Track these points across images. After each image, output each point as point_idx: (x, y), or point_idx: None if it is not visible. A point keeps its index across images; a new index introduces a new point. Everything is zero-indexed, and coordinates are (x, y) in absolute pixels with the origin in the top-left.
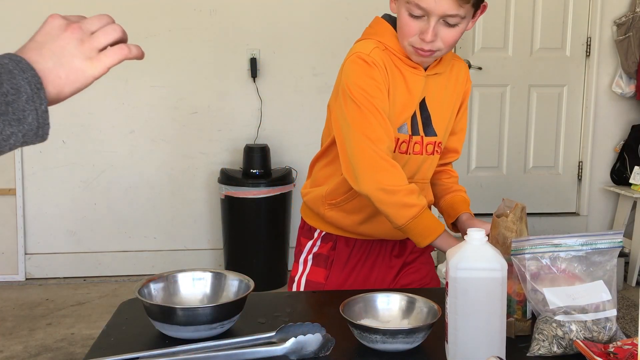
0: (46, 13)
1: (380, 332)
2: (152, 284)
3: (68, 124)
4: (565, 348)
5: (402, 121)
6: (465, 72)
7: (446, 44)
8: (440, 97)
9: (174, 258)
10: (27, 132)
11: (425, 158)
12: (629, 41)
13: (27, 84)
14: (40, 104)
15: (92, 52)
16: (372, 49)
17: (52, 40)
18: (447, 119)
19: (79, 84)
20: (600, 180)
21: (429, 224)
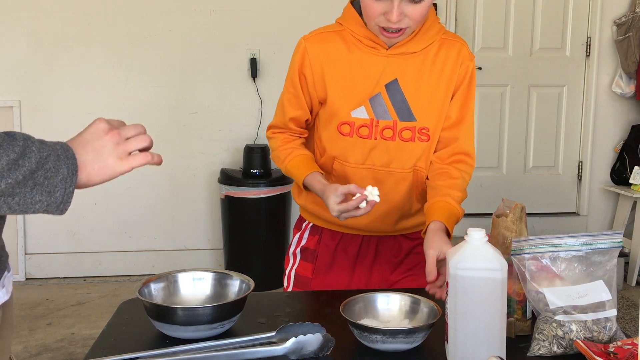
0: (46, 13)
1: (380, 332)
2: (152, 284)
3: (68, 124)
4: (565, 348)
5: (355, 104)
6: (461, 52)
7: (414, 20)
8: (418, 79)
9: (174, 258)
10: (51, 203)
11: (401, 144)
12: (629, 41)
13: (66, 168)
14: (70, 185)
15: (124, 154)
16: (315, 34)
17: (95, 139)
18: (431, 103)
19: (106, 177)
20: (600, 180)
21: (297, 164)
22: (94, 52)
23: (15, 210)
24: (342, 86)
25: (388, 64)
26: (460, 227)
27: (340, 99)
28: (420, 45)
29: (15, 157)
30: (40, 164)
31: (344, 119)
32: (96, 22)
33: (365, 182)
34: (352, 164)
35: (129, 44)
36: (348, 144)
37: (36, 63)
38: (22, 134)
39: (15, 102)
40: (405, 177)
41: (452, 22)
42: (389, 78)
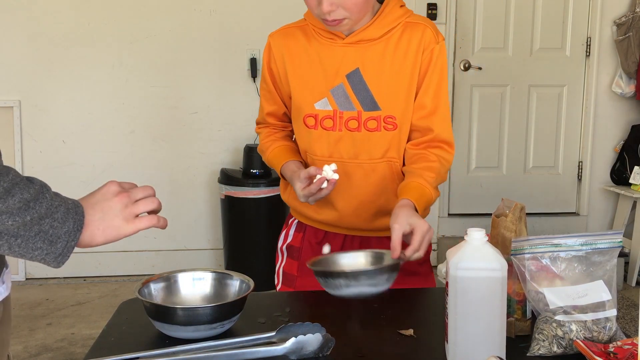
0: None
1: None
2: (152, 284)
3: (68, 124)
4: (565, 348)
5: (318, 96)
6: (424, 35)
7: (348, 9)
8: (381, 67)
9: (174, 258)
10: (51, 252)
11: (368, 135)
12: (629, 41)
13: (73, 222)
14: (72, 240)
15: (130, 216)
16: (279, 30)
17: (104, 200)
18: (396, 91)
19: (111, 237)
20: (600, 180)
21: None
22: (94, 52)
23: (15, 252)
24: (303, 79)
25: (347, 54)
26: (461, 227)
27: (302, 92)
28: (379, 31)
29: (28, 199)
30: (49, 212)
31: (308, 111)
32: (96, 22)
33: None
34: (319, 157)
35: (129, 44)
36: (314, 136)
37: (36, 63)
38: (40, 181)
39: (15, 102)
40: (375, 168)
41: (452, 22)
42: (350, 68)
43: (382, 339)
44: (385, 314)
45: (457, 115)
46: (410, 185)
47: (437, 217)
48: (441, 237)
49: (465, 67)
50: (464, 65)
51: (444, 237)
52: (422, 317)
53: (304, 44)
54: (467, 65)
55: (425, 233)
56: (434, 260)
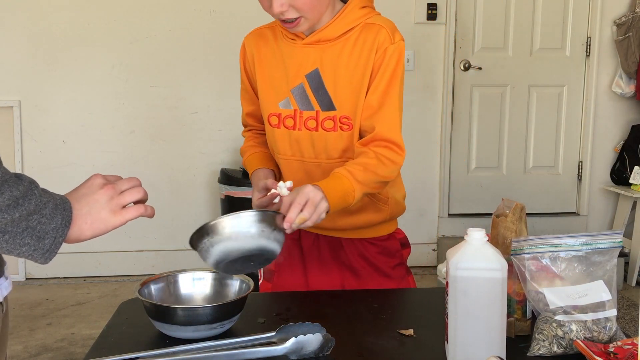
0: (46, 13)
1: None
2: (152, 284)
3: (68, 124)
4: (565, 348)
5: (281, 96)
6: (378, 36)
7: (301, 8)
8: (337, 68)
9: (174, 258)
10: (38, 249)
11: (325, 135)
12: (629, 41)
13: (61, 218)
14: (60, 236)
15: (117, 207)
16: (252, 31)
17: (90, 194)
18: (352, 92)
19: (99, 231)
20: (600, 180)
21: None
22: (94, 52)
23: (3, 248)
24: (269, 79)
25: (307, 54)
26: (460, 227)
27: (267, 92)
28: (336, 31)
29: (18, 196)
30: (38, 208)
31: (272, 110)
32: (96, 22)
33: (296, 174)
34: (282, 156)
35: (129, 44)
36: (277, 135)
37: (36, 63)
38: (29, 178)
39: (15, 102)
40: (333, 167)
41: (452, 22)
42: (310, 68)
43: (382, 339)
44: (385, 314)
45: (457, 115)
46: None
47: (437, 217)
48: (441, 237)
49: (465, 67)
50: (464, 65)
51: (444, 237)
52: (422, 317)
53: (272, 45)
54: (467, 65)
55: (307, 193)
56: (434, 261)
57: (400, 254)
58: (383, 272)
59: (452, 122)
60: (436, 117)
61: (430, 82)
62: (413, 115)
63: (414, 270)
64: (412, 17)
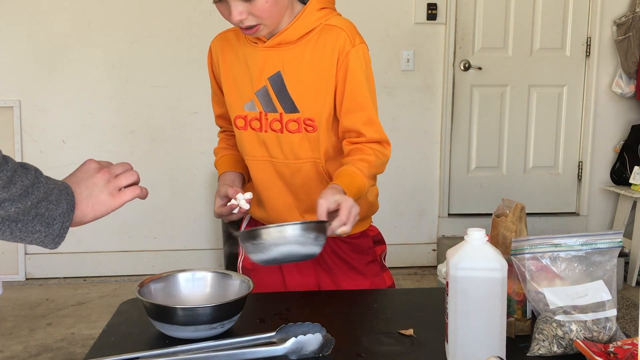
0: (46, 13)
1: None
2: (152, 284)
3: (68, 124)
4: (565, 348)
5: (246, 98)
6: (339, 40)
7: (259, 16)
8: (299, 70)
9: (174, 258)
10: (49, 235)
11: (289, 136)
12: (629, 41)
13: (66, 203)
14: (67, 220)
15: (114, 190)
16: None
17: (87, 178)
18: (315, 94)
19: (99, 213)
20: (600, 180)
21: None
22: (94, 52)
23: (16, 236)
24: (234, 82)
25: (269, 57)
26: (461, 227)
27: (232, 94)
28: (296, 34)
29: (27, 185)
30: (46, 195)
31: (238, 112)
32: (96, 22)
33: (265, 174)
34: (251, 157)
35: (129, 44)
36: (245, 137)
37: (36, 63)
38: (33, 166)
39: (15, 102)
40: (301, 168)
41: (452, 22)
42: (273, 70)
43: (382, 339)
44: (385, 314)
45: (457, 115)
46: (342, 172)
47: (437, 217)
48: (441, 237)
49: (465, 67)
50: (464, 65)
51: (444, 237)
52: (422, 317)
53: (235, 48)
54: (467, 65)
55: (350, 207)
56: (434, 260)
57: (373, 251)
58: (357, 270)
59: (452, 122)
60: (436, 117)
61: (430, 82)
62: (413, 115)
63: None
64: (412, 17)
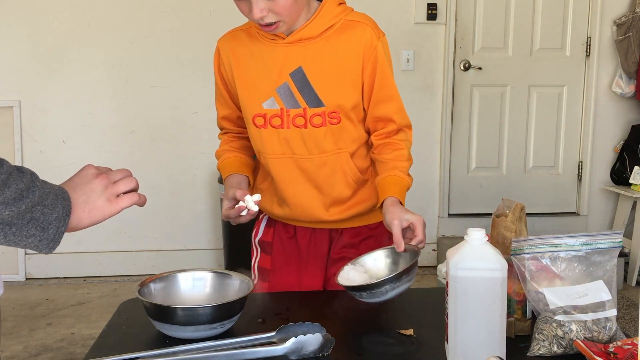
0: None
1: (387, 282)
2: (152, 284)
3: (68, 124)
4: (565, 348)
5: (265, 96)
6: (365, 35)
7: (280, 13)
8: (322, 65)
9: (174, 258)
10: (43, 239)
11: (314, 130)
12: (629, 41)
13: (62, 208)
14: (62, 225)
15: (112, 196)
16: (226, 33)
17: (85, 183)
18: (339, 87)
19: (96, 219)
20: (600, 180)
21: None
22: (94, 52)
23: (10, 240)
24: (249, 80)
25: (289, 53)
26: (461, 227)
27: (249, 93)
28: (316, 30)
29: (23, 188)
30: (41, 199)
31: (256, 111)
32: (96, 22)
33: (287, 171)
34: (271, 155)
35: (129, 44)
36: (264, 135)
37: (36, 63)
38: (29, 170)
39: (15, 102)
40: (326, 161)
41: (452, 22)
42: (293, 66)
43: (382, 339)
44: (385, 314)
45: (457, 115)
46: (389, 180)
47: (437, 217)
48: (441, 237)
49: (465, 67)
50: (464, 65)
51: (444, 237)
52: (422, 317)
53: (249, 46)
54: (467, 65)
55: (423, 225)
56: (434, 260)
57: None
58: None
59: (452, 122)
60: (436, 117)
61: (430, 82)
62: (413, 115)
63: None
64: (412, 17)
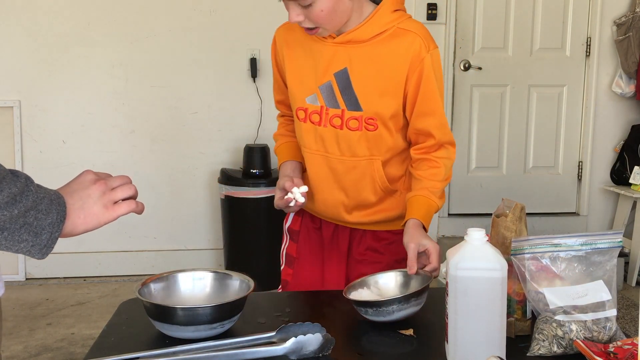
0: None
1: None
2: (152, 284)
3: (68, 124)
4: (565, 348)
5: (309, 91)
6: (414, 45)
7: (315, 21)
8: (366, 69)
9: (174, 258)
10: (36, 244)
11: (349, 133)
12: (628, 41)
13: (56, 213)
14: (56, 231)
15: (109, 203)
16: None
17: (82, 188)
18: (381, 94)
19: (91, 226)
20: (600, 180)
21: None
22: (94, 52)
23: (2, 245)
24: (298, 73)
25: (337, 53)
26: (461, 227)
27: (296, 86)
28: (367, 34)
29: (16, 192)
30: (35, 204)
31: (299, 104)
32: (96, 22)
33: (319, 168)
34: (308, 149)
35: (129, 44)
36: (304, 129)
37: (36, 63)
38: (24, 174)
39: (15, 102)
40: (357, 165)
41: (452, 22)
42: (339, 67)
43: (382, 339)
44: None
45: (457, 115)
46: (417, 200)
47: (437, 217)
48: (441, 237)
49: (465, 67)
50: (464, 65)
51: (444, 237)
52: (422, 317)
53: (301, 40)
54: (467, 65)
55: (439, 252)
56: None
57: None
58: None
59: (452, 122)
60: None
61: None
62: None
63: None
64: (412, 17)
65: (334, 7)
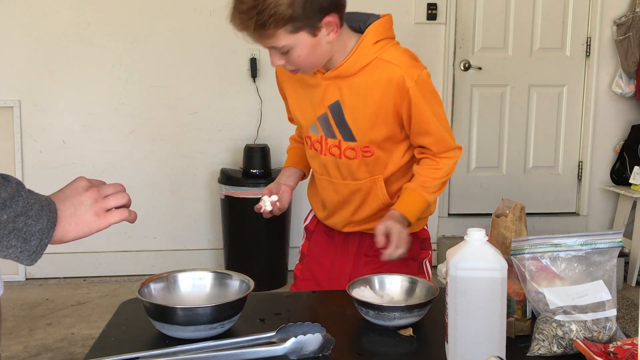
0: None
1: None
2: (152, 284)
3: (68, 124)
4: (565, 348)
5: (309, 121)
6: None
7: (295, 65)
8: (355, 101)
9: (174, 258)
10: (24, 250)
11: (348, 162)
12: (628, 41)
13: (46, 220)
14: (46, 237)
15: (101, 211)
16: None
17: (75, 195)
18: (372, 125)
19: (82, 233)
20: (600, 180)
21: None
22: (94, 52)
23: None
24: (298, 105)
25: (329, 87)
26: (461, 227)
27: (299, 115)
28: (351, 68)
29: (6, 197)
30: (25, 210)
31: (305, 132)
32: (96, 22)
33: (327, 191)
34: (315, 173)
35: (129, 44)
36: (310, 155)
37: (36, 63)
38: (16, 179)
39: (15, 102)
40: (360, 187)
41: (452, 22)
42: (332, 99)
43: (382, 339)
44: None
45: (457, 115)
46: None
47: (437, 217)
48: (441, 237)
49: (465, 67)
50: (464, 65)
51: (444, 237)
52: (422, 317)
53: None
54: (467, 65)
55: (399, 233)
56: (434, 261)
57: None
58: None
59: (452, 122)
60: None
61: None
62: None
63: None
64: (412, 17)
65: (311, 52)
